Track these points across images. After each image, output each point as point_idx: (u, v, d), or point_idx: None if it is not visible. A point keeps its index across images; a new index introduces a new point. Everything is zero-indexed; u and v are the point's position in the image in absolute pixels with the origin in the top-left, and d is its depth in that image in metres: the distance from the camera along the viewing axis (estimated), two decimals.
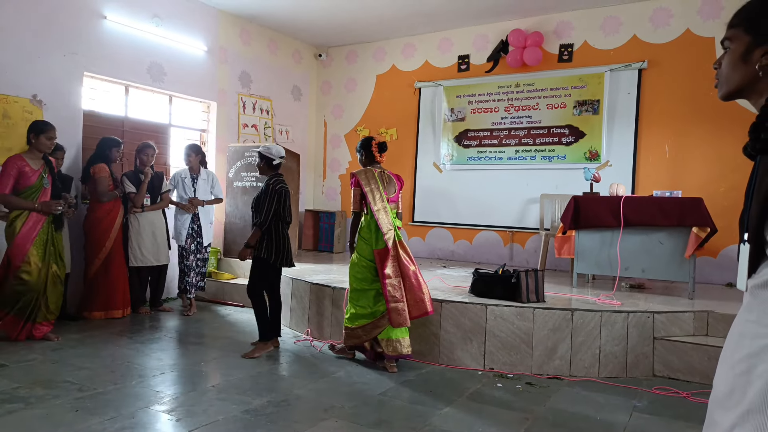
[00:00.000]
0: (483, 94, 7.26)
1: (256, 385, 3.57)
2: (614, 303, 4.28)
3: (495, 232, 7.17)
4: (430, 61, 7.70)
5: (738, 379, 1.16)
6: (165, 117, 6.53)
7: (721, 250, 5.77)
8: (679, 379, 3.94)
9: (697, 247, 4.50)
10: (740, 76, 1.22)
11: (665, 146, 6.21)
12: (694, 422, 3.12)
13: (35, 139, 4.34)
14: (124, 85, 6.04)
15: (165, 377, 3.66)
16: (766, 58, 1.17)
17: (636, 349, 4.03)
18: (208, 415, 3.03)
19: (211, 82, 6.92)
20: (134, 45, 5.98)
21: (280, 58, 7.97)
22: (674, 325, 4.11)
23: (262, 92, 7.67)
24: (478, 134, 7.30)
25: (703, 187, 5.70)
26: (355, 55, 8.34)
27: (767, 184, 1.13)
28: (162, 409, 3.10)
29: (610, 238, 4.80)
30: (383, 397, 3.42)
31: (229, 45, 7.14)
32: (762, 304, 1.15)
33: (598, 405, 3.42)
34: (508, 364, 4.03)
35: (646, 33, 6.30)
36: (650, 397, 3.58)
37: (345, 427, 2.95)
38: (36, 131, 4.35)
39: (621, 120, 6.43)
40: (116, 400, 3.18)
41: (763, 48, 1.17)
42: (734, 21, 1.24)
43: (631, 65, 6.35)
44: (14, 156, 4.34)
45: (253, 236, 4.24)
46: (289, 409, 3.17)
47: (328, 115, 8.59)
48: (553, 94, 6.82)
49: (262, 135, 7.65)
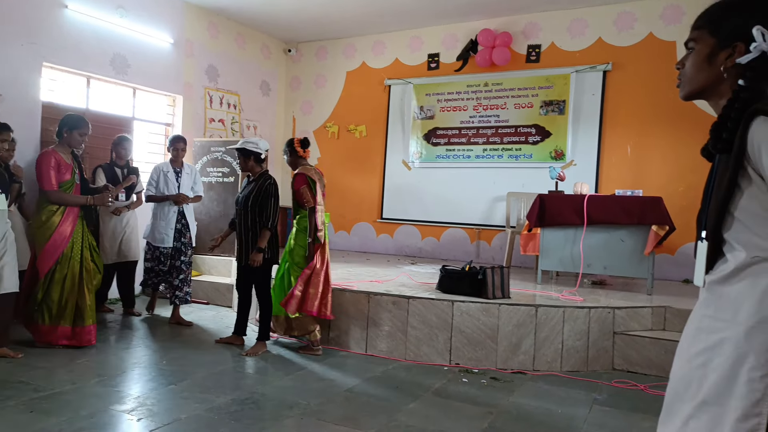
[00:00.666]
0: (452, 93, 7.31)
1: (219, 383, 3.52)
2: (577, 299, 4.38)
3: (462, 230, 7.24)
4: (400, 59, 7.71)
5: (695, 372, 1.20)
6: (128, 110, 6.37)
7: (678, 247, 5.96)
8: (637, 372, 4.06)
9: (656, 245, 4.64)
10: (704, 77, 1.25)
11: (627, 147, 6.37)
12: (651, 414, 3.22)
13: (68, 134, 4.11)
14: (86, 77, 5.87)
15: (126, 376, 3.59)
16: (730, 60, 1.20)
17: (597, 343, 4.13)
18: (170, 414, 2.98)
19: (177, 76, 6.79)
20: (97, 35, 5.81)
21: (249, 52, 7.87)
22: (633, 320, 4.22)
23: (229, 87, 7.56)
24: (446, 132, 7.35)
25: (663, 187, 5.87)
26: (324, 51, 8.30)
27: (725, 184, 1.16)
28: (122, 408, 3.03)
29: (574, 235, 4.90)
30: (349, 394, 3.42)
31: (195, 38, 7.01)
32: (718, 300, 1.19)
33: (560, 399, 3.50)
34: (473, 359, 4.08)
35: (611, 36, 6.45)
36: (610, 390, 3.67)
37: (310, 424, 2.94)
38: (70, 126, 4.11)
39: (586, 120, 6.57)
40: (74, 401, 3.10)
41: (727, 50, 1.21)
42: (699, 23, 1.27)
43: (596, 67, 6.49)
44: (49, 150, 4.09)
45: (264, 239, 4.12)
46: (254, 407, 3.14)
47: (297, 111, 8.52)
48: (521, 93, 6.92)
49: (230, 130, 7.54)
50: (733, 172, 1.14)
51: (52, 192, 3.99)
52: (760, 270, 1.11)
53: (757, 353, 1.08)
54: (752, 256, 1.12)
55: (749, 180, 1.13)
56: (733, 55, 1.19)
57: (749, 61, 1.17)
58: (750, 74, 1.17)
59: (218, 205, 6.53)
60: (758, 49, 1.15)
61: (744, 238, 1.14)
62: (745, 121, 1.11)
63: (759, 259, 1.12)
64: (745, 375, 1.09)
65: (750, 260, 1.13)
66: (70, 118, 4.18)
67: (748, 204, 1.13)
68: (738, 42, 1.19)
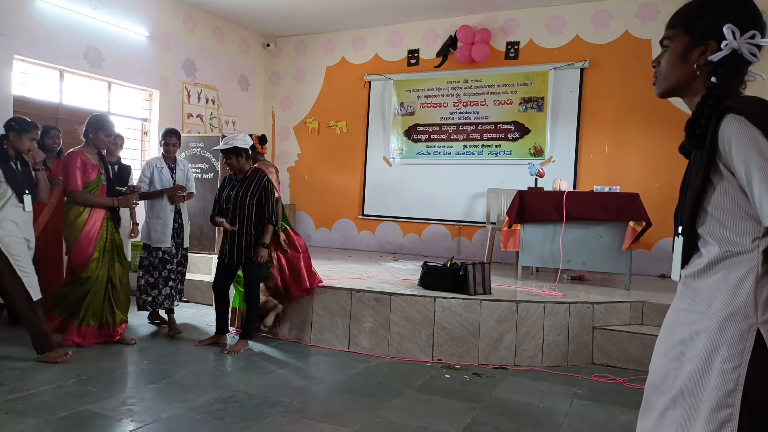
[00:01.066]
0: (432, 89, 7.32)
1: (201, 382, 3.48)
2: (556, 294, 4.43)
3: (443, 226, 7.27)
4: (380, 55, 7.69)
5: (671, 364, 1.22)
6: (103, 104, 6.24)
7: (655, 243, 6.07)
8: (616, 366, 4.13)
9: (633, 241, 4.71)
10: (678, 74, 1.28)
11: (605, 143, 6.47)
12: (630, 407, 3.28)
13: (93, 135, 4.06)
14: (59, 70, 5.73)
15: (104, 376, 3.51)
16: (703, 58, 1.23)
17: (576, 338, 4.19)
18: (150, 414, 2.93)
19: (153, 70, 6.67)
20: (70, 28, 5.67)
21: (227, 46, 7.77)
22: (612, 315, 4.29)
23: (207, 81, 7.46)
24: (427, 129, 7.36)
25: (639, 183, 5.98)
26: (304, 46, 8.23)
27: (698, 184, 1.19)
28: (101, 409, 2.97)
29: (553, 231, 4.96)
30: (332, 391, 3.41)
31: (172, 31, 6.89)
32: (693, 293, 1.22)
33: (541, 393, 3.54)
34: (455, 355, 4.10)
35: (588, 33, 6.52)
36: (589, 385, 3.73)
37: (294, 422, 2.92)
38: (96, 127, 4.06)
39: (564, 117, 6.64)
40: (51, 401, 3.03)
41: (701, 48, 1.23)
42: (673, 21, 1.30)
43: (574, 64, 6.57)
44: (75, 150, 4.05)
45: (268, 234, 4.11)
46: (236, 406, 3.11)
47: (277, 106, 8.45)
48: (500, 90, 6.97)
49: (208, 125, 7.44)
50: (706, 168, 1.17)
51: (77, 192, 3.98)
52: (732, 264, 1.14)
53: (729, 345, 1.11)
54: (725, 251, 1.15)
55: (721, 176, 1.15)
56: (705, 53, 1.22)
57: (721, 59, 1.19)
58: (722, 72, 1.19)
59: (197, 202, 6.43)
60: (729, 47, 1.18)
61: (717, 233, 1.17)
62: (716, 119, 1.14)
63: (731, 254, 1.14)
64: (718, 366, 1.11)
65: (723, 254, 1.15)
66: (95, 119, 4.14)
67: (720, 199, 1.16)
68: (710, 40, 1.21)
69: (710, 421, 1.11)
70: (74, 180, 3.97)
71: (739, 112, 1.10)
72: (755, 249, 1.12)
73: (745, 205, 1.12)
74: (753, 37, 1.18)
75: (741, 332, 1.10)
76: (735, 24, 1.18)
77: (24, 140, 3.67)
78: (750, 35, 1.17)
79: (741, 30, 1.18)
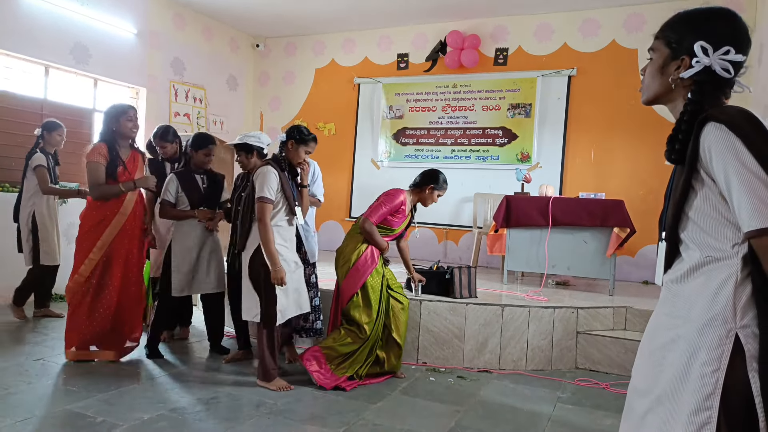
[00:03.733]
0: (421, 93, 7.35)
1: (184, 383, 3.44)
2: (541, 299, 4.46)
3: (430, 229, 7.28)
4: (369, 58, 7.70)
5: (653, 368, 1.24)
6: (89, 101, 6.17)
7: (638, 249, 6.14)
8: (599, 371, 4.16)
9: (617, 247, 4.76)
10: (657, 86, 1.31)
11: (591, 150, 6.53)
12: (613, 411, 3.31)
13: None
14: (44, 66, 5.65)
15: (84, 376, 3.47)
16: (678, 72, 1.25)
17: (561, 343, 4.22)
18: (132, 414, 2.90)
19: (141, 67, 6.61)
20: (56, 23, 5.61)
21: (216, 46, 7.73)
22: (595, 320, 4.33)
23: (195, 80, 7.41)
24: (415, 132, 7.38)
25: (624, 191, 6.04)
26: (294, 48, 8.22)
27: (681, 190, 1.21)
28: (82, 408, 2.93)
29: (539, 236, 5.00)
30: (316, 393, 3.40)
31: (160, 29, 6.84)
32: (674, 298, 1.24)
33: (525, 397, 3.56)
34: (440, 358, 4.11)
35: (576, 42, 6.59)
36: (573, 389, 3.76)
37: (278, 423, 2.91)
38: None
39: (551, 124, 6.70)
40: (30, 401, 2.98)
41: (677, 63, 1.26)
42: (659, 33, 1.33)
43: (562, 72, 6.63)
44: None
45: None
46: (220, 407, 3.08)
47: (265, 107, 8.42)
48: (489, 96, 7.01)
49: (195, 124, 7.38)
50: (688, 175, 1.19)
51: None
52: (712, 269, 1.16)
53: (709, 349, 1.12)
54: (705, 256, 1.17)
55: (702, 183, 1.18)
56: (680, 68, 1.24)
57: (695, 75, 1.22)
58: (695, 88, 1.22)
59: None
60: (700, 64, 1.21)
61: (698, 239, 1.19)
62: (698, 127, 1.16)
63: (711, 259, 1.16)
64: (697, 370, 1.13)
65: (704, 260, 1.17)
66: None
67: (701, 205, 1.18)
68: (685, 56, 1.23)
69: (689, 423, 1.12)
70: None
71: (721, 120, 1.12)
72: (735, 255, 1.14)
73: (726, 212, 1.15)
74: (727, 53, 1.19)
75: (720, 337, 1.12)
76: (710, 40, 1.20)
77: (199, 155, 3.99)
78: (723, 51, 1.19)
79: (716, 46, 1.20)
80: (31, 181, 4.56)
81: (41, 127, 4.69)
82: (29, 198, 4.58)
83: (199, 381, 3.51)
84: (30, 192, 4.58)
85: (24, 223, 4.58)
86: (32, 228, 4.57)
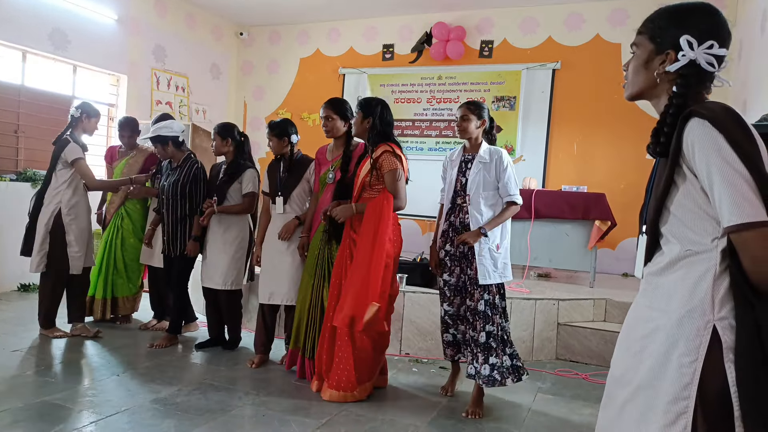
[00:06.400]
0: (406, 85, 7.33)
1: (166, 373, 3.42)
2: (523, 291, 4.51)
3: (414, 221, 7.30)
4: (354, 48, 7.65)
5: (632, 359, 1.26)
6: (68, 88, 6.05)
7: (619, 242, 6.22)
8: (579, 361, 4.22)
9: (598, 239, 4.83)
10: (642, 80, 1.31)
11: (574, 144, 6.59)
12: (591, 401, 3.36)
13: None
14: (22, 51, 5.52)
15: (65, 367, 3.43)
16: (662, 67, 1.26)
17: (541, 334, 4.27)
18: (112, 405, 2.87)
19: (121, 54, 6.49)
20: (34, 8, 5.47)
21: (199, 33, 7.61)
22: (576, 311, 4.39)
23: (178, 68, 7.30)
24: (400, 124, 7.37)
25: (605, 184, 6.11)
26: (278, 36, 8.13)
27: (663, 184, 1.23)
28: (62, 399, 2.90)
29: (522, 229, 5.03)
30: (300, 384, 3.40)
31: (141, 15, 6.71)
32: (655, 290, 1.26)
33: (505, 387, 3.57)
34: (423, 349, 4.13)
35: (561, 35, 6.62)
36: (553, 379, 3.81)
37: (259, 414, 2.90)
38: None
39: (535, 117, 6.73)
40: (9, 392, 2.94)
41: (662, 56, 1.27)
42: (642, 28, 1.33)
43: (546, 65, 6.66)
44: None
45: (198, 227, 3.91)
46: (202, 398, 3.07)
47: (249, 96, 8.33)
48: (474, 88, 7.02)
49: (177, 113, 7.28)
50: (670, 169, 1.20)
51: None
52: (692, 263, 1.17)
53: (687, 340, 1.14)
54: (685, 250, 1.19)
55: (684, 177, 1.19)
56: (665, 62, 1.25)
57: (680, 69, 1.23)
58: (680, 81, 1.23)
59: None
60: (686, 58, 1.22)
61: (679, 232, 1.20)
62: (681, 122, 1.17)
63: (691, 253, 1.18)
64: (675, 360, 1.15)
65: (684, 253, 1.19)
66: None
67: (683, 200, 1.19)
68: (670, 50, 1.24)
69: (667, 412, 1.14)
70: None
71: (704, 116, 1.13)
72: (714, 249, 1.16)
73: (706, 206, 1.16)
74: (711, 47, 1.21)
75: (698, 328, 1.14)
76: (694, 34, 1.21)
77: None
78: (708, 45, 1.21)
79: (700, 40, 1.21)
80: (62, 175, 3.91)
81: (79, 108, 4.02)
82: (56, 195, 3.91)
83: (181, 371, 3.49)
84: (59, 188, 3.91)
85: (43, 223, 3.88)
86: (52, 229, 3.89)
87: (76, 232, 3.95)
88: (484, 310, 3.03)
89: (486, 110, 3.21)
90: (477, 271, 3.04)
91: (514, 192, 3.10)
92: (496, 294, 3.08)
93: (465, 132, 3.19)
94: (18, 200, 5.20)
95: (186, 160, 4.06)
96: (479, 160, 3.15)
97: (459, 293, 3.17)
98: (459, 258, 3.14)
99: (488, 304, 3.04)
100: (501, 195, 3.12)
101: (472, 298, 3.07)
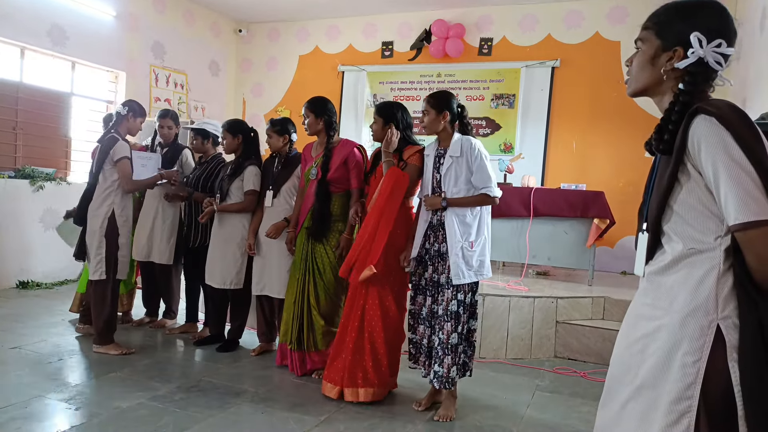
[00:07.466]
0: (405, 82, 7.32)
1: (164, 371, 3.42)
2: (522, 289, 4.51)
3: None
4: (354, 45, 7.64)
5: (633, 358, 1.25)
6: (66, 85, 6.03)
7: (617, 240, 6.23)
8: (577, 359, 4.23)
9: (597, 238, 4.83)
10: (647, 76, 1.30)
11: (572, 142, 6.58)
12: (590, 399, 3.37)
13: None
14: (20, 47, 5.50)
15: (63, 363, 3.42)
16: (670, 63, 1.25)
17: (540, 332, 4.27)
18: (110, 402, 2.87)
19: (120, 51, 6.47)
20: (32, 4, 5.45)
21: (198, 30, 7.59)
22: (574, 309, 4.39)
23: (176, 65, 7.28)
24: None
25: (604, 182, 6.10)
26: (277, 33, 8.11)
27: (666, 182, 1.21)
28: (59, 397, 2.90)
29: (520, 227, 5.03)
30: (298, 382, 3.40)
31: (140, 12, 6.69)
32: (657, 289, 1.25)
33: (504, 385, 3.60)
34: None
35: (560, 33, 6.61)
36: (551, 377, 3.81)
37: (258, 411, 2.90)
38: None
39: (534, 115, 6.73)
40: (6, 389, 2.93)
41: (669, 53, 1.25)
42: (647, 23, 1.31)
43: (545, 63, 6.65)
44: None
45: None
46: (200, 395, 3.07)
47: (248, 93, 8.32)
48: (473, 86, 7.01)
49: (176, 110, 7.24)
50: (674, 167, 1.19)
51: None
52: (695, 261, 1.17)
53: (691, 340, 1.14)
54: (688, 248, 1.18)
55: (688, 175, 1.18)
56: (673, 59, 1.24)
57: (688, 66, 1.22)
58: (688, 78, 1.22)
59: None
60: (695, 55, 1.20)
61: (682, 231, 1.19)
62: (687, 120, 1.16)
63: (694, 251, 1.17)
64: (679, 360, 1.14)
65: (686, 252, 1.18)
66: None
67: (686, 198, 1.18)
68: (678, 47, 1.23)
69: (670, 412, 1.14)
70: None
71: (711, 113, 1.12)
72: (717, 247, 1.15)
73: (710, 204, 1.15)
74: (719, 45, 1.20)
75: (702, 328, 1.13)
76: (703, 32, 1.20)
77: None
78: (716, 44, 1.20)
79: (708, 38, 1.20)
80: (111, 175, 3.66)
81: (126, 106, 3.80)
82: (107, 195, 3.64)
83: (180, 369, 3.48)
84: (109, 188, 3.65)
85: (97, 226, 3.62)
86: (107, 232, 3.62)
87: (127, 235, 3.75)
88: (457, 311, 2.90)
89: (450, 100, 3.03)
90: (450, 270, 2.90)
91: (488, 183, 2.90)
92: (468, 292, 2.96)
93: (426, 128, 3.10)
94: (16, 197, 5.19)
95: (215, 157, 4.20)
96: (450, 154, 2.96)
97: (422, 292, 3.07)
98: (433, 257, 3.01)
99: (461, 305, 2.92)
100: (475, 187, 2.93)
101: (444, 298, 2.92)
